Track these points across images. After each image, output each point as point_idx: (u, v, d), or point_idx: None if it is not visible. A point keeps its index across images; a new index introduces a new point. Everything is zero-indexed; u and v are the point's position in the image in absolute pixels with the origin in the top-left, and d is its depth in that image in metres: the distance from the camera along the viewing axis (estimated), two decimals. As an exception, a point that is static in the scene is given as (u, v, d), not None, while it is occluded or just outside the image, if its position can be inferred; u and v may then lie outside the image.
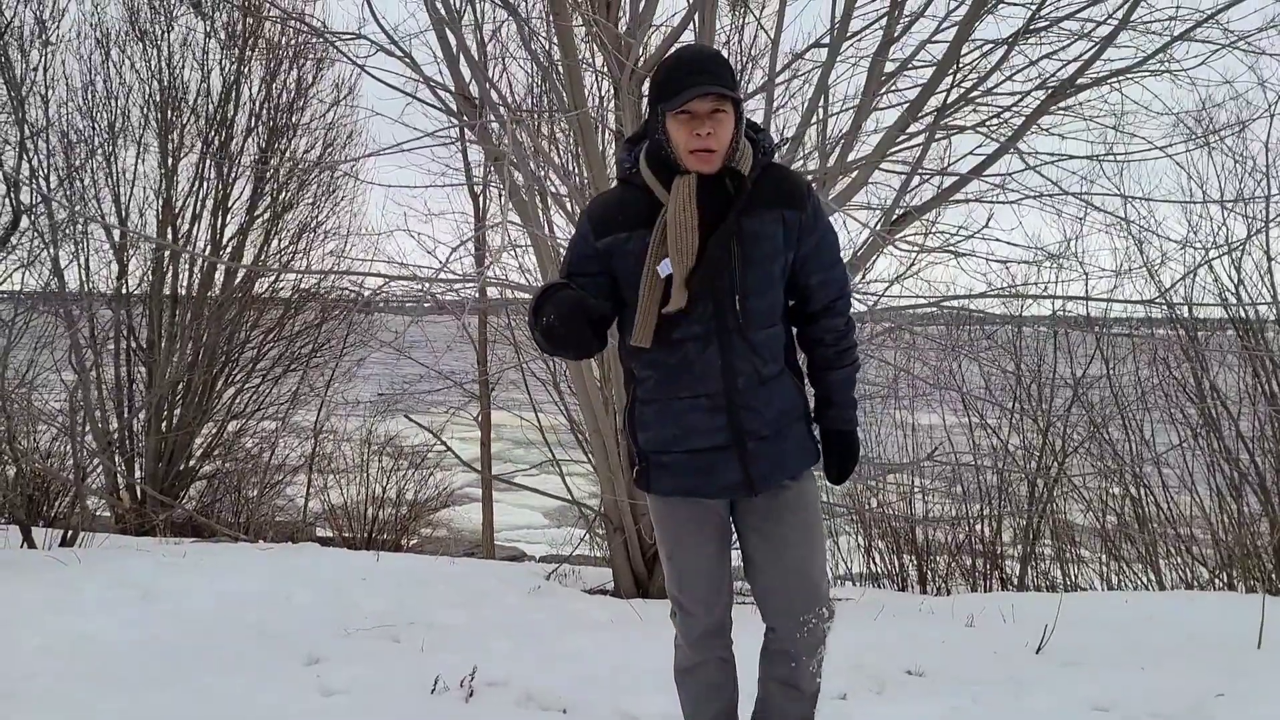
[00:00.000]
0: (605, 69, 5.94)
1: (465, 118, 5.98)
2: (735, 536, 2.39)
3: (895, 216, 5.26)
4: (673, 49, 3.45)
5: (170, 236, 9.38)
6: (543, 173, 5.81)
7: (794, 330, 2.39)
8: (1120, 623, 4.63)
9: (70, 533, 6.64)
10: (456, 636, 4.08)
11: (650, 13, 5.74)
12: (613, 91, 5.95)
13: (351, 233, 10.38)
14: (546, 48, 6.20)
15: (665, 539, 2.38)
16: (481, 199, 8.03)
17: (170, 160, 9.38)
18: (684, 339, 2.20)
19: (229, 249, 9.71)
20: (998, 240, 5.45)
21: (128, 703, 3.23)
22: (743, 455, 2.23)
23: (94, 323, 8.47)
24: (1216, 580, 6.60)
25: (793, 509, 2.30)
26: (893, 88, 5.55)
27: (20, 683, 3.42)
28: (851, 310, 2.43)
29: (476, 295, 6.09)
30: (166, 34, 9.47)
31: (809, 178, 5.55)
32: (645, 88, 5.83)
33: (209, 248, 9.64)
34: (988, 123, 5.34)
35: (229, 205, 9.71)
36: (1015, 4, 5.01)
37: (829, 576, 2.35)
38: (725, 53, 6.44)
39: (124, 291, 9.06)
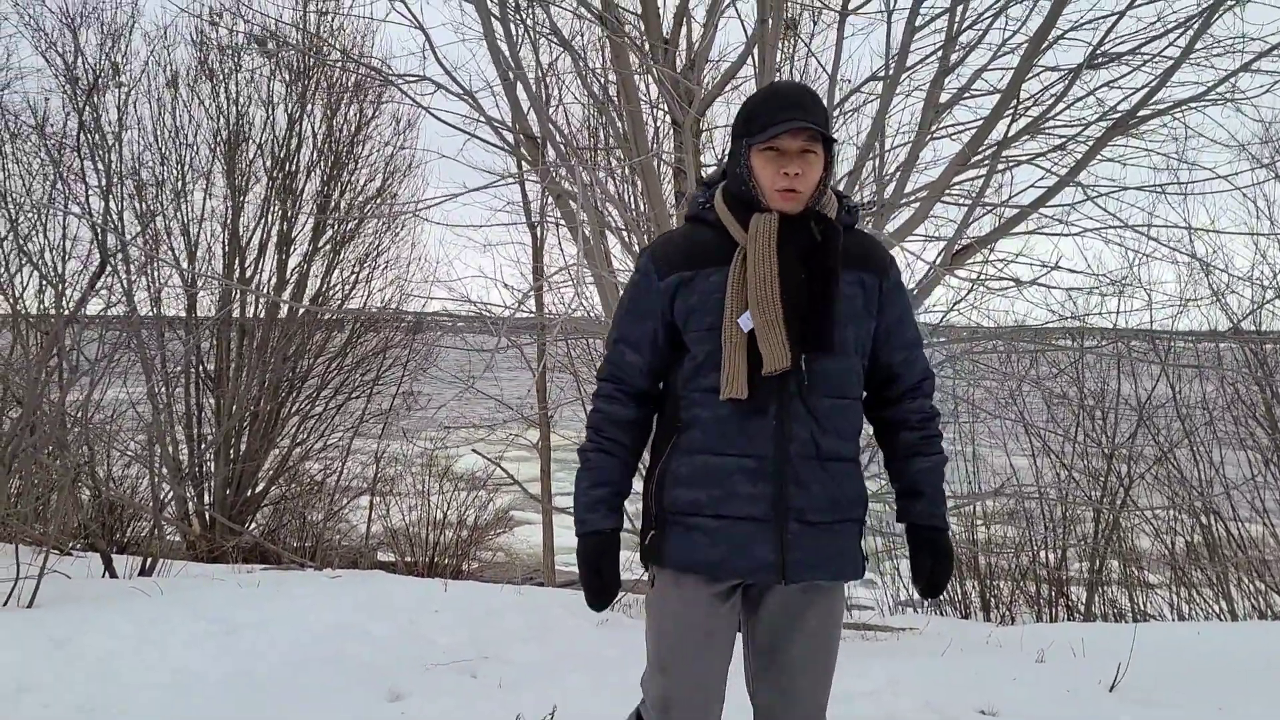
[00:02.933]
0: (663, 103, 6.05)
1: (525, 153, 6.12)
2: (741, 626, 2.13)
3: (957, 248, 5.28)
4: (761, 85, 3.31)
5: (238, 269, 9.67)
6: (603, 210, 5.93)
7: (870, 418, 2.18)
8: (1194, 656, 4.58)
9: (149, 561, 6.86)
10: (532, 671, 4.17)
11: (707, 50, 5.85)
12: (670, 127, 6.07)
13: (411, 262, 10.61)
14: (603, 83, 6.33)
15: (666, 634, 2.08)
16: (539, 231, 8.19)
17: (237, 195, 9.68)
18: (749, 392, 1.99)
19: (293, 280, 9.99)
20: (1059, 268, 5.41)
21: (224, 740, 3.36)
22: (781, 534, 1.98)
23: (164, 355, 8.75)
24: (1291, 608, 6.49)
25: (819, 617, 2.06)
26: (949, 119, 5.59)
27: (119, 717, 3.58)
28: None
29: (538, 329, 6.22)
30: (234, 73, 9.79)
31: (871, 207, 5.60)
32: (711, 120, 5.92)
33: (274, 278, 9.93)
34: (1048, 155, 5.34)
35: (293, 237, 9.99)
36: (1076, 40, 5.02)
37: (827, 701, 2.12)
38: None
39: (194, 322, 9.35)
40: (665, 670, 2.07)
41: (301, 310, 9.77)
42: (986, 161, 5.32)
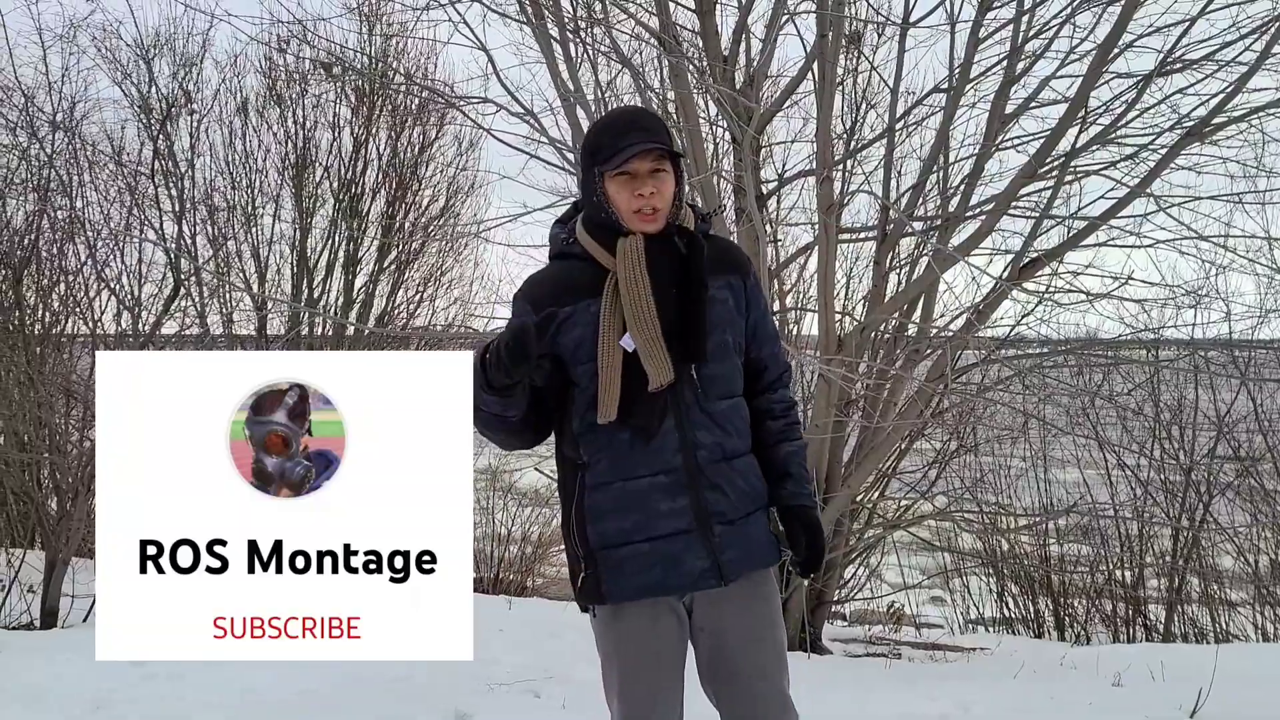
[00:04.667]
0: (721, 120, 6.04)
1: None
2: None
3: (1024, 262, 5.18)
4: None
5: (305, 289, 9.89)
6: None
7: None
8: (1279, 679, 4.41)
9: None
10: (594, 691, 4.11)
11: (766, 66, 5.83)
12: (729, 144, 6.05)
13: (474, 282, 10.71)
14: (661, 100, 6.34)
15: (615, 664, 2.11)
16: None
17: (305, 218, 9.89)
18: (638, 411, 2.04)
19: (359, 300, 10.17)
20: (1132, 280, 5.27)
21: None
22: (709, 539, 2.04)
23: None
24: (1384, 629, 6.21)
25: (763, 600, 2.12)
26: (1015, 130, 5.49)
27: (191, 736, 3.65)
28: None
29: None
30: (301, 98, 10.02)
31: (936, 222, 5.53)
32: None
33: (340, 299, 10.13)
34: (1118, 164, 5.21)
35: (359, 258, 10.18)
36: (1146, 47, 4.90)
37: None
38: (840, 97, 6.49)
39: (264, 343, 9.56)
40: (622, 698, 2.10)
41: (367, 330, 9.94)
42: (1054, 172, 5.21)
